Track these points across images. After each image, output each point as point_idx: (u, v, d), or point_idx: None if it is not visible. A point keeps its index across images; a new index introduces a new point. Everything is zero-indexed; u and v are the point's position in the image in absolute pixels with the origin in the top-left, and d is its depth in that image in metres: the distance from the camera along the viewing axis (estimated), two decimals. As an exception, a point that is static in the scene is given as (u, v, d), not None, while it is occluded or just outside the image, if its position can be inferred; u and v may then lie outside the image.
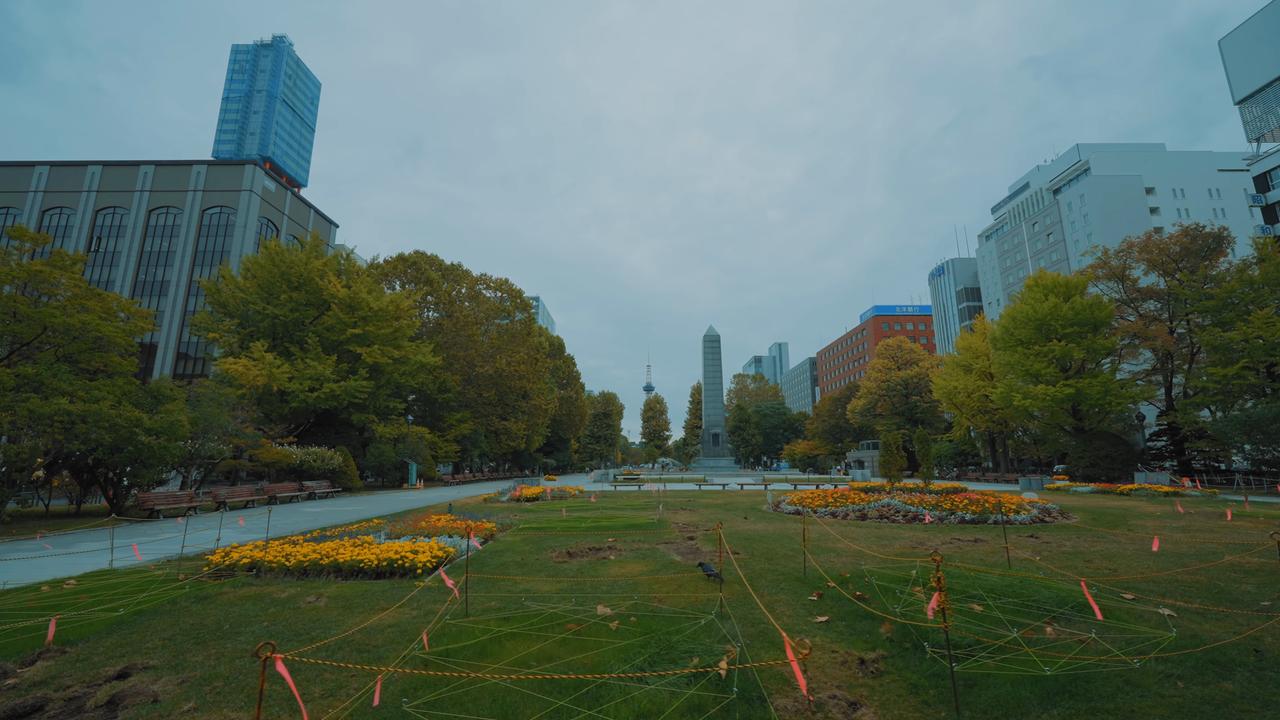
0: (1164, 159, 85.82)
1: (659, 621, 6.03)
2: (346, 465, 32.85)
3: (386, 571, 8.52)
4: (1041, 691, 4.32)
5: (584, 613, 6.41)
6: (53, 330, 18.28)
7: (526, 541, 12.09)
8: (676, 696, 4.24)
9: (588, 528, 13.98)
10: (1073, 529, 13.26)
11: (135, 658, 5.31)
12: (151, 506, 19.27)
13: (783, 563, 9.54)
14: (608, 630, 5.80)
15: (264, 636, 5.86)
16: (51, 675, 4.90)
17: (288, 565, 8.58)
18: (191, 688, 4.61)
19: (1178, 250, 41.42)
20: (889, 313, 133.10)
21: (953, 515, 14.47)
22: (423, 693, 4.38)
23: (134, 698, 4.43)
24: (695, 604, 6.88)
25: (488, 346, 61.31)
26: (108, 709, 4.35)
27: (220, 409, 22.60)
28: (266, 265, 37.10)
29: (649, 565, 9.41)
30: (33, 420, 15.48)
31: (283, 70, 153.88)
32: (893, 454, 18.48)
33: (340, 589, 7.82)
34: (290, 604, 7.13)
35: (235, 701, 4.36)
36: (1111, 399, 39.38)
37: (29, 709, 4.33)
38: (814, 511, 16.55)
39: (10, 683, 4.82)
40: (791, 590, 7.61)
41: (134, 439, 17.68)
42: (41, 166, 68.72)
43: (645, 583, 8.14)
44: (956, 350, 57.13)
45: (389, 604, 7.05)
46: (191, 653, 5.42)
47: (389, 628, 6.11)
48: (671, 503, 22.00)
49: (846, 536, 12.18)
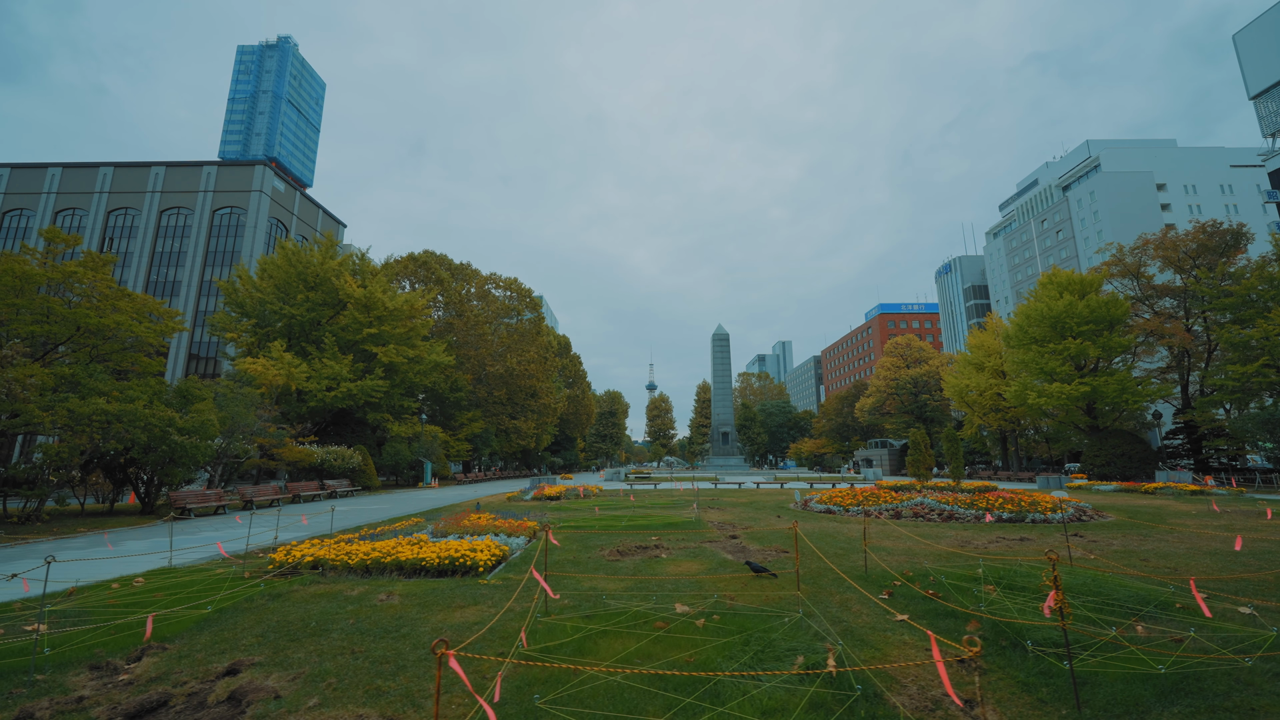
0: (1175, 155, 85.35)
1: (744, 620, 6.07)
2: (365, 464, 33.00)
3: (449, 570, 8.58)
4: (1156, 690, 4.34)
5: (664, 611, 6.45)
6: (85, 331, 18.40)
7: (571, 540, 12.14)
8: (795, 694, 4.27)
9: (625, 526, 14.04)
10: (1114, 527, 13.25)
11: (237, 654, 5.37)
12: (183, 505, 19.40)
13: (837, 561, 9.56)
14: (695, 628, 5.85)
15: (352, 634, 5.92)
16: (163, 671, 4.96)
17: (350, 563, 8.65)
18: (306, 684, 4.67)
19: (1195, 247, 41.21)
20: (895, 310, 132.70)
21: (988, 514, 14.47)
22: (541, 690, 4.42)
23: (255, 694, 4.49)
24: (769, 603, 6.91)
25: (498, 345, 61.43)
26: (230, 704, 4.41)
27: (246, 408, 22.74)
28: (283, 265, 37.25)
29: (704, 564, 9.45)
30: (72, 420, 15.61)
31: (288, 71, 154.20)
32: (922, 452, 18.48)
33: (407, 587, 7.88)
34: (363, 601, 7.19)
35: (356, 697, 4.42)
36: (1128, 397, 39.23)
37: (154, 704, 4.40)
38: (846, 510, 16.57)
39: (123, 678, 4.88)
40: (859, 589, 7.63)
41: (167, 438, 17.81)
42: (54, 168, 69.06)
43: (708, 581, 8.18)
44: (968, 348, 56.96)
45: (464, 602, 7.11)
46: (290, 649, 5.48)
47: (474, 625, 6.16)
48: (692, 503, 22.04)
49: (889, 535, 12.19)
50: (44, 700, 4.37)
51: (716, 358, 69.88)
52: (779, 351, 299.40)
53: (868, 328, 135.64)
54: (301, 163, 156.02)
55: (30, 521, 16.12)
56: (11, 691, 4.54)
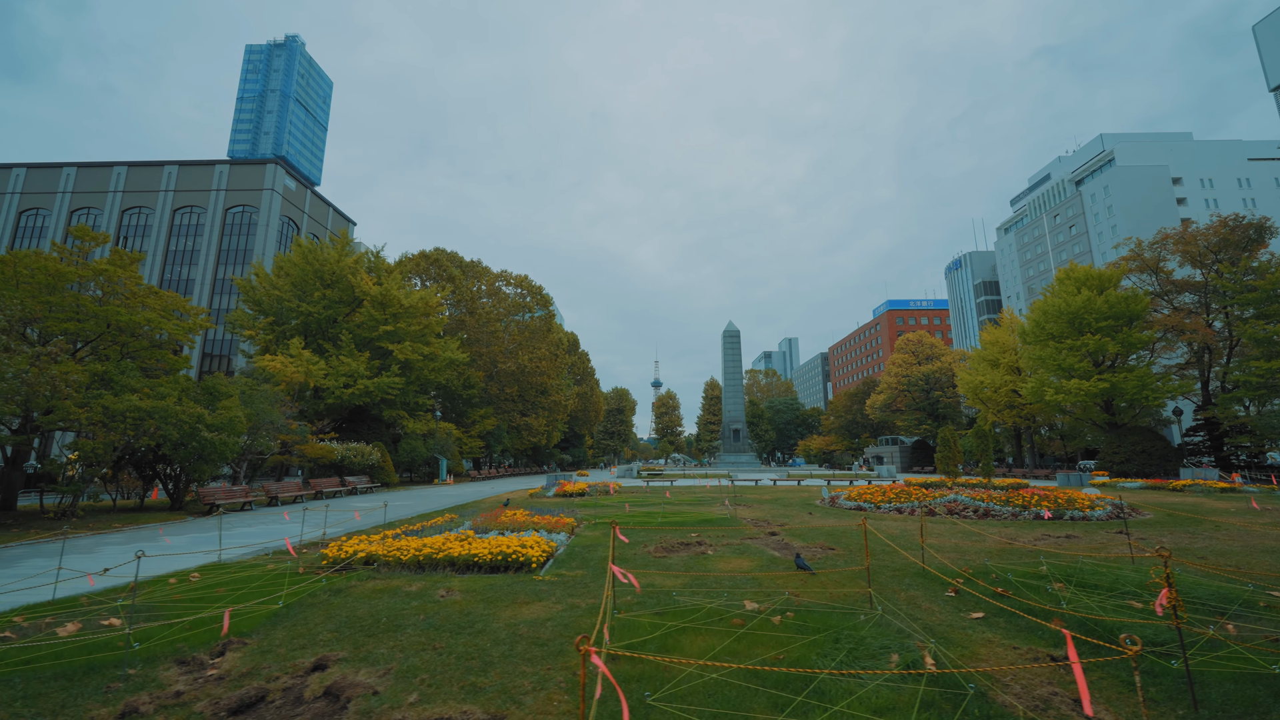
0: (1191, 148, 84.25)
1: (820, 617, 6.01)
2: (384, 461, 33.12)
3: (501, 566, 8.56)
4: (1271, 690, 4.25)
5: (735, 608, 6.40)
6: (116, 328, 18.50)
7: (606, 536, 12.08)
8: (901, 693, 4.21)
9: (661, 523, 13.99)
10: (1157, 524, 13.09)
11: (318, 649, 5.35)
12: (212, 501, 19.53)
13: (886, 558, 9.48)
14: (772, 625, 5.79)
15: (427, 629, 5.90)
16: (252, 666, 4.95)
17: (403, 559, 8.64)
18: (398, 680, 4.64)
19: (1216, 241, 40.66)
20: (903, 307, 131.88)
21: (1026, 511, 14.34)
22: (637, 686, 4.38)
23: (350, 689, 4.47)
24: (837, 600, 6.84)
25: (509, 343, 61.51)
26: (328, 700, 4.39)
27: (270, 405, 22.84)
28: (299, 263, 37.37)
29: (753, 561, 9.38)
30: (106, 417, 15.70)
31: (295, 70, 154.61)
32: (952, 449, 18.35)
33: (464, 583, 7.86)
34: (424, 597, 7.18)
35: (453, 693, 4.38)
36: (1149, 393, 38.86)
37: (253, 699, 4.38)
38: (877, 507, 16.47)
39: (212, 673, 4.87)
40: (921, 586, 7.55)
41: (197, 435, 17.90)
42: (69, 168, 69.56)
43: (764, 578, 8.11)
44: (982, 344, 56.54)
45: (527, 598, 7.08)
46: (369, 645, 5.46)
47: (545, 621, 6.13)
48: (721, 498, 21.98)
49: (930, 533, 12.09)
50: (143, 695, 4.36)
51: (727, 355, 69.71)
52: (785, 349, 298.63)
53: (876, 324, 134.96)
54: (309, 161, 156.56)
55: (66, 517, 16.25)
56: (109, 686, 4.53)
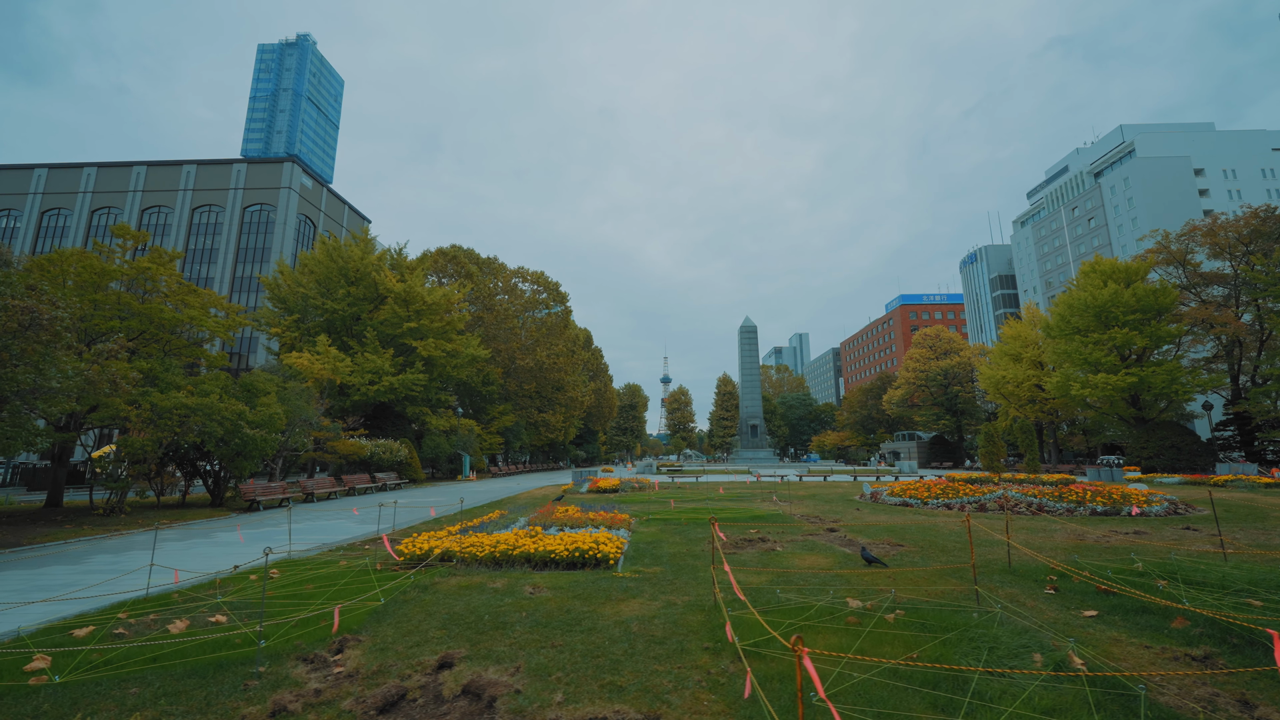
0: (1213, 139, 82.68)
1: (936, 615, 5.89)
2: (411, 458, 33.28)
3: (579, 562, 8.51)
4: None
5: (841, 606, 6.30)
6: (158, 325, 18.63)
7: (669, 533, 12.04)
8: (1061, 693, 4.09)
9: (709, 520, 13.86)
10: (1221, 521, 12.83)
11: (434, 647, 5.30)
12: (253, 498, 19.65)
13: (958, 555, 9.34)
14: (888, 623, 5.68)
15: (535, 626, 5.84)
16: (379, 664, 4.90)
17: (478, 555, 8.61)
18: (533, 679, 4.58)
19: (1248, 232, 39.87)
20: (916, 301, 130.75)
21: (1081, 507, 14.11)
22: (786, 686, 4.29)
23: (490, 688, 4.41)
24: (938, 597, 6.72)
25: (526, 339, 61.60)
26: (470, 699, 4.34)
27: (306, 402, 22.96)
28: (324, 260, 37.54)
29: (828, 558, 9.27)
30: (154, 414, 15.82)
31: (307, 68, 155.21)
32: (996, 445, 18.15)
33: (546, 579, 7.80)
34: (512, 594, 7.12)
35: (595, 693, 4.31)
36: (1178, 387, 38.30)
37: (394, 698, 4.34)
38: (924, 503, 16.29)
39: (338, 670, 4.84)
40: (1014, 583, 7.42)
41: (239, 431, 18.02)
42: (89, 168, 70.28)
43: (849, 575, 8.00)
44: (1003, 339, 55.95)
45: (618, 595, 7.01)
46: (485, 642, 5.41)
47: (652, 619, 6.05)
48: (757, 495, 21.88)
49: (993, 529, 11.91)
50: (285, 693, 4.32)
51: (744, 350, 69.45)
52: (795, 344, 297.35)
53: (888, 319, 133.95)
54: (322, 160, 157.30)
55: (115, 513, 16.42)
56: (245, 684, 4.51)
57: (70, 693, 4.35)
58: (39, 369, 10.04)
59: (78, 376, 11.05)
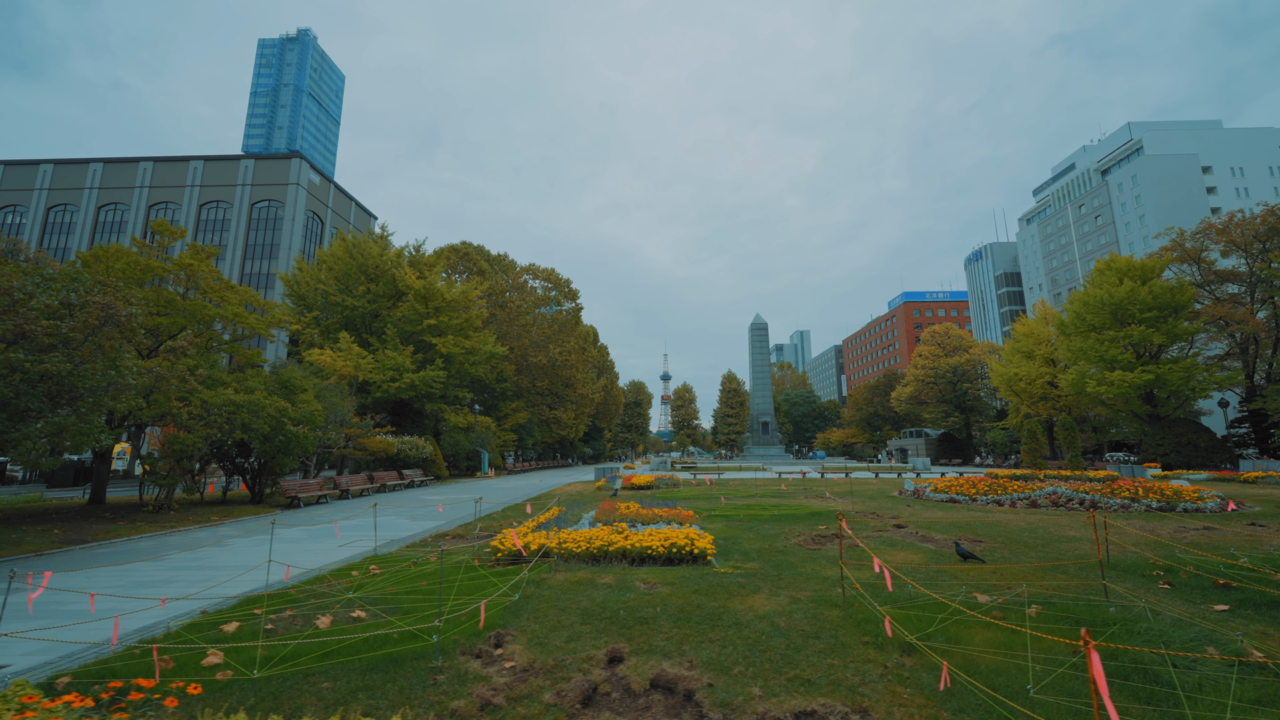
0: (1221, 136, 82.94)
1: (1076, 608, 5.95)
2: (435, 455, 33.28)
3: (675, 558, 8.54)
4: None
5: (971, 602, 6.34)
6: (200, 322, 18.58)
7: (737, 528, 12.08)
8: (1245, 683, 4.14)
9: (773, 516, 13.95)
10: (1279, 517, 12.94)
11: (587, 641, 5.33)
12: (293, 495, 19.66)
13: (1043, 550, 9.40)
14: (1031, 618, 5.73)
15: (678, 621, 5.87)
16: (554, 661, 4.93)
17: (575, 551, 8.64)
18: (714, 673, 4.61)
19: (1265, 230, 40.04)
20: (920, 299, 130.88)
21: (1136, 503, 14.21)
22: (977, 678, 4.33)
23: (682, 682, 4.45)
24: (1057, 591, 6.77)
25: (538, 335, 61.57)
26: (664, 693, 4.37)
27: (340, 399, 22.93)
28: (343, 257, 37.43)
29: (917, 554, 9.33)
30: (204, 410, 15.79)
31: (308, 64, 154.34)
32: (1038, 441, 18.25)
33: (652, 574, 7.83)
34: (628, 589, 7.14)
35: (785, 686, 4.35)
36: (1195, 384, 38.49)
37: (588, 691, 4.37)
38: (972, 500, 16.37)
39: (510, 665, 4.86)
40: (1122, 578, 7.46)
41: (283, 428, 18.00)
42: (95, 164, 69.84)
43: (952, 571, 8.05)
44: (1015, 336, 56.12)
45: (737, 590, 7.05)
46: (638, 636, 5.44)
47: (789, 613, 6.08)
48: (799, 492, 21.95)
49: (1057, 525, 12.00)
50: (479, 686, 4.35)
51: (755, 347, 69.52)
52: (797, 341, 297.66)
53: (892, 316, 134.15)
54: (323, 155, 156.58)
55: (164, 510, 16.40)
56: (433, 679, 4.53)
57: (271, 687, 4.37)
58: (115, 365, 10.02)
59: (148, 374, 11.02)
